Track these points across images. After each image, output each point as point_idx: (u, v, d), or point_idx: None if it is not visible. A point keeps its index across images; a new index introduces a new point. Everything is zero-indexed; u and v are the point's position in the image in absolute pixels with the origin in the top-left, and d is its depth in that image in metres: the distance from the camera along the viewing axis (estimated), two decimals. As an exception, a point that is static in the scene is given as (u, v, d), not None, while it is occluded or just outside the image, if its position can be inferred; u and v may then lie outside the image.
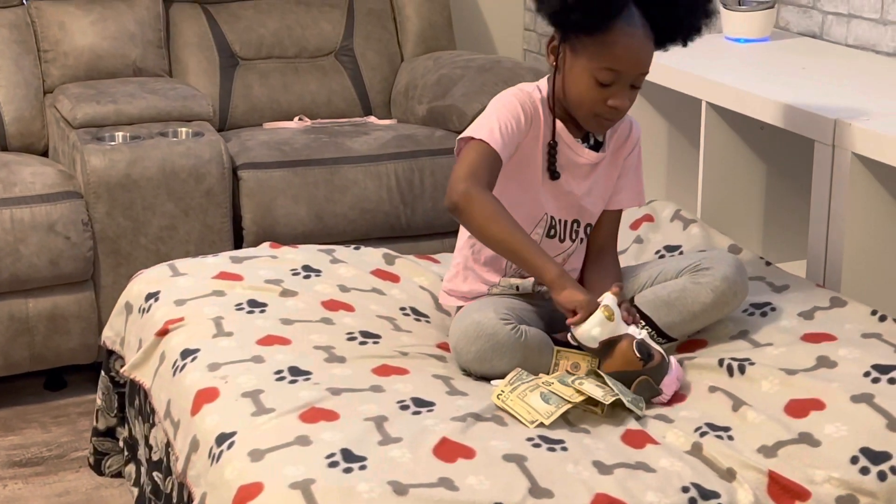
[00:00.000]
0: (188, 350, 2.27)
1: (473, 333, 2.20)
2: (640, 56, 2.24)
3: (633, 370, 2.14)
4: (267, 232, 3.40)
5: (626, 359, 2.16)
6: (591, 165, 2.36)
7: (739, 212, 3.08)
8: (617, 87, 2.23)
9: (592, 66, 2.22)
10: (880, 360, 2.18)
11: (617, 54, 2.21)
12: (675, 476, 1.92)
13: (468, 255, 2.39)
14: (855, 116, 2.59)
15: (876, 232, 2.59)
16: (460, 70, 3.83)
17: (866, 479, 1.94)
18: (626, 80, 2.23)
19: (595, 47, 2.22)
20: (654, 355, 2.17)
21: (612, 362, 2.17)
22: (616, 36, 2.21)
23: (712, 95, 2.96)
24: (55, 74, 3.72)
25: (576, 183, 2.36)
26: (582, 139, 2.36)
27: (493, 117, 2.26)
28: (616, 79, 2.22)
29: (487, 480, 1.86)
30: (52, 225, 3.20)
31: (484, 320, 2.20)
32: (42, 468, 2.99)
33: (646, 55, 2.25)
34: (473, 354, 2.21)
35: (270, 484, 1.83)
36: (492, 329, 2.19)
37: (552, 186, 2.33)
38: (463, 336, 2.22)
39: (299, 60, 3.98)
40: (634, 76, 2.24)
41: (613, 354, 2.17)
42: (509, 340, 2.19)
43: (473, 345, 2.20)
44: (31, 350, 3.23)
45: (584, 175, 2.36)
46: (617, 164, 2.41)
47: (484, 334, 2.19)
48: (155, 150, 3.31)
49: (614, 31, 2.20)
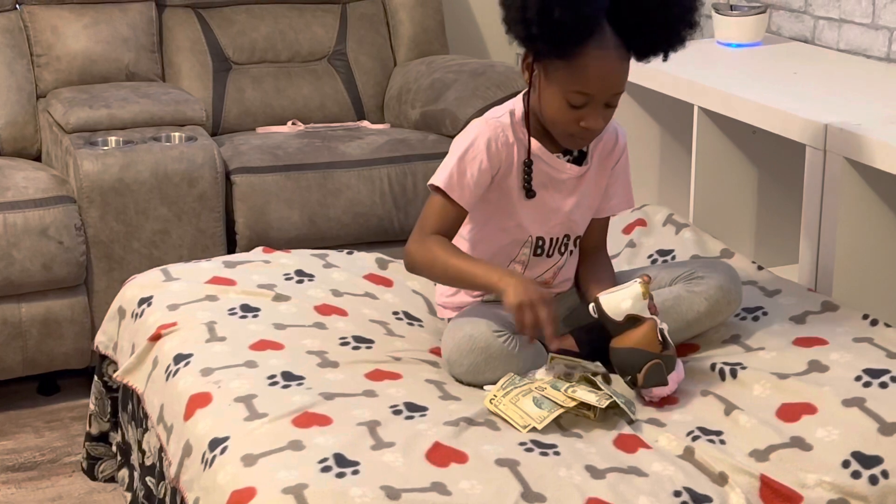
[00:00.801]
0: (181, 355, 2.28)
1: (466, 347, 2.20)
2: (612, 78, 2.18)
3: (651, 352, 2.14)
4: (260, 236, 3.40)
5: (647, 339, 2.15)
6: (575, 179, 2.33)
7: (731, 216, 3.08)
8: (590, 108, 2.19)
9: (564, 90, 2.18)
10: (872, 364, 2.19)
11: (588, 78, 2.16)
12: (668, 480, 1.92)
13: None
14: (846, 121, 2.59)
15: (867, 236, 2.60)
16: (453, 74, 3.84)
17: (858, 483, 1.94)
18: (599, 101, 2.19)
19: (565, 70, 2.17)
20: (670, 346, 2.18)
21: (631, 338, 2.15)
22: (587, 59, 2.15)
23: (704, 100, 2.97)
24: (48, 79, 3.72)
25: (561, 198, 2.33)
26: (563, 153, 2.32)
27: (455, 164, 2.25)
28: (588, 101, 2.18)
29: (480, 485, 1.86)
30: (45, 229, 3.20)
31: (476, 333, 2.20)
32: (35, 473, 2.98)
33: (619, 76, 2.20)
34: (466, 367, 2.21)
35: (263, 489, 1.83)
36: (484, 342, 2.19)
37: (536, 207, 2.30)
38: (455, 349, 2.22)
39: (292, 65, 3.98)
40: (608, 97, 2.20)
41: (636, 332, 2.15)
42: (502, 353, 2.19)
43: (466, 358, 2.20)
44: (23, 354, 3.23)
45: (570, 189, 2.33)
46: (604, 173, 2.38)
47: (477, 348, 2.19)
48: (148, 155, 3.31)
49: (584, 54, 2.15)
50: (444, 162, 2.28)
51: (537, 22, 2.12)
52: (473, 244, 2.34)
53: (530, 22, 2.13)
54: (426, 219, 2.26)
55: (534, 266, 2.35)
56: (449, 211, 2.25)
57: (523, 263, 2.35)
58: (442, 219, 2.25)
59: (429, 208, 2.27)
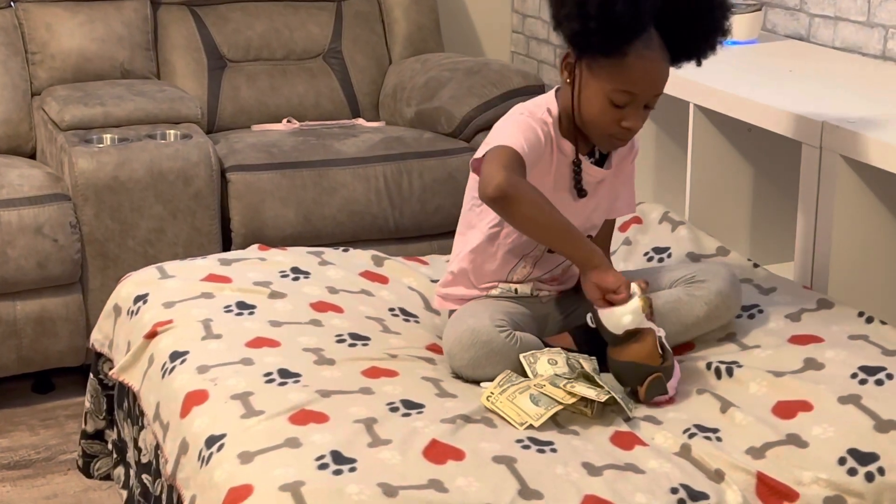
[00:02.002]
0: (177, 352, 2.27)
1: (468, 341, 2.20)
2: (656, 79, 2.21)
3: (651, 365, 2.14)
4: (255, 234, 3.40)
5: (648, 352, 2.14)
6: (597, 182, 2.34)
7: (727, 214, 3.08)
8: (631, 109, 2.21)
9: (608, 88, 2.19)
10: (867, 361, 2.19)
11: (634, 77, 2.18)
12: (664, 477, 1.92)
13: (469, 268, 2.37)
14: (842, 119, 2.60)
15: (863, 234, 2.60)
16: (448, 72, 3.84)
17: (854, 480, 1.95)
18: (641, 102, 2.21)
19: (612, 69, 2.18)
20: (669, 355, 2.18)
21: (632, 352, 2.15)
22: (633, 59, 2.17)
23: (700, 98, 2.97)
24: (43, 76, 3.71)
25: (584, 201, 2.33)
26: (588, 155, 2.33)
27: (512, 130, 2.21)
28: (631, 100, 2.19)
29: (477, 482, 1.86)
30: (39, 227, 3.20)
31: (479, 327, 2.20)
32: (30, 471, 2.98)
33: (662, 77, 2.23)
34: (467, 361, 2.21)
35: (260, 486, 1.83)
36: (486, 336, 2.19)
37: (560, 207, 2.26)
38: (457, 342, 2.22)
39: (287, 63, 3.98)
40: (649, 97, 2.22)
41: (637, 346, 2.15)
42: (504, 348, 2.19)
43: (468, 352, 2.20)
44: (18, 353, 3.23)
45: (592, 192, 2.34)
46: (620, 176, 2.41)
47: (479, 342, 2.19)
48: (143, 153, 3.30)
49: (632, 53, 2.17)
50: (488, 140, 2.22)
51: (597, 16, 2.13)
52: (490, 238, 2.33)
53: (589, 16, 2.14)
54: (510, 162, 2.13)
55: (544, 262, 2.36)
56: (520, 162, 2.15)
57: (535, 258, 2.35)
58: (517, 165, 2.14)
59: (502, 154, 2.15)
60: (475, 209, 2.35)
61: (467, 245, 2.36)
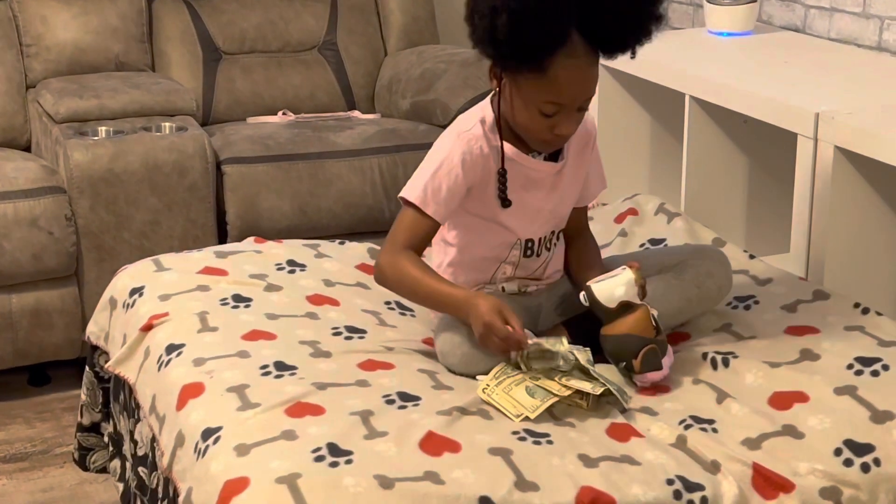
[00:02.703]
0: (173, 345, 2.27)
1: (459, 339, 2.20)
2: (583, 85, 2.15)
3: (646, 337, 2.14)
4: (251, 226, 3.39)
5: (642, 325, 2.15)
6: (553, 176, 2.30)
7: (723, 205, 3.09)
8: (563, 116, 2.16)
9: (535, 100, 2.14)
10: (863, 352, 2.19)
11: (558, 88, 2.12)
12: (660, 469, 1.92)
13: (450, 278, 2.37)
14: (837, 110, 2.60)
15: (858, 225, 2.60)
16: (444, 64, 3.83)
17: (850, 471, 1.95)
18: (571, 108, 2.16)
19: (535, 83, 2.13)
20: (662, 331, 2.18)
21: (624, 324, 2.15)
22: (556, 70, 2.10)
23: (695, 89, 2.97)
24: (38, 69, 3.71)
25: (543, 197, 2.30)
26: (538, 152, 2.28)
27: (429, 178, 2.21)
28: (560, 109, 2.15)
29: (473, 474, 1.86)
30: (35, 220, 3.19)
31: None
32: (26, 464, 2.98)
33: (590, 82, 2.16)
34: (459, 358, 2.21)
35: (256, 478, 1.83)
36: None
37: (519, 210, 2.27)
38: (448, 342, 2.22)
39: (282, 55, 3.98)
40: (580, 102, 2.16)
41: (630, 318, 2.15)
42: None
43: (459, 349, 2.20)
44: (14, 345, 3.23)
45: (550, 186, 2.30)
46: (583, 164, 2.36)
47: (469, 340, 2.19)
48: (138, 145, 3.30)
49: (553, 66, 2.10)
50: (415, 175, 2.24)
51: (508, 41, 2.08)
52: (461, 249, 2.33)
53: (499, 42, 2.09)
54: (397, 233, 2.23)
55: (524, 266, 2.35)
56: (421, 225, 2.21)
57: (514, 265, 2.33)
58: (414, 232, 2.22)
59: (400, 222, 2.23)
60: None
61: (445, 257, 2.35)
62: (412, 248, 2.22)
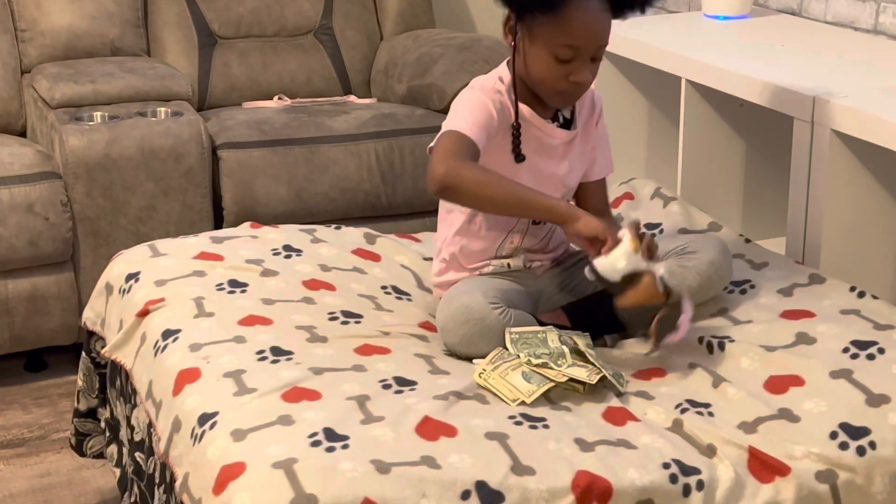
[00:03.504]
0: (169, 330, 2.27)
1: (462, 317, 2.20)
2: (597, 30, 2.21)
3: (655, 304, 2.14)
4: (247, 212, 3.39)
5: (648, 293, 2.13)
6: (565, 144, 2.35)
7: (719, 189, 3.09)
8: (577, 63, 2.21)
9: (551, 45, 2.20)
10: (859, 336, 2.20)
11: (574, 30, 2.19)
12: (656, 452, 1.93)
13: (456, 252, 2.38)
14: (834, 93, 2.59)
15: (855, 208, 2.60)
16: (440, 49, 3.83)
17: (845, 455, 1.95)
18: (586, 55, 2.21)
19: (552, 25, 2.19)
20: (674, 290, 2.16)
21: (633, 296, 2.14)
22: (572, 12, 2.18)
23: (692, 73, 2.96)
24: (33, 54, 3.70)
25: (555, 164, 2.34)
26: (551, 119, 2.34)
27: (463, 113, 2.23)
28: (576, 54, 2.20)
29: (470, 458, 1.86)
30: (30, 206, 3.19)
31: (472, 304, 2.20)
32: (23, 449, 2.98)
33: (603, 28, 2.23)
34: (460, 338, 2.21)
35: (253, 463, 1.83)
36: (480, 314, 2.19)
37: (531, 174, 2.30)
38: (450, 319, 2.22)
39: (278, 39, 3.97)
40: (594, 49, 2.22)
41: (636, 288, 2.14)
42: (497, 325, 2.19)
43: (461, 328, 2.20)
44: (10, 331, 3.23)
45: (562, 155, 2.35)
46: (590, 137, 2.41)
47: (472, 318, 2.19)
48: (134, 130, 3.30)
49: (570, 7, 2.18)
50: (445, 122, 2.25)
51: None
52: (470, 216, 2.34)
53: None
54: (444, 147, 2.18)
55: (532, 234, 2.36)
56: (468, 146, 2.19)
57: (522, 232, 2.35)
58: (459, 146, 2.18)
59: (446, 140, 2.19)
60: None
61: (451, 228, 2.36)
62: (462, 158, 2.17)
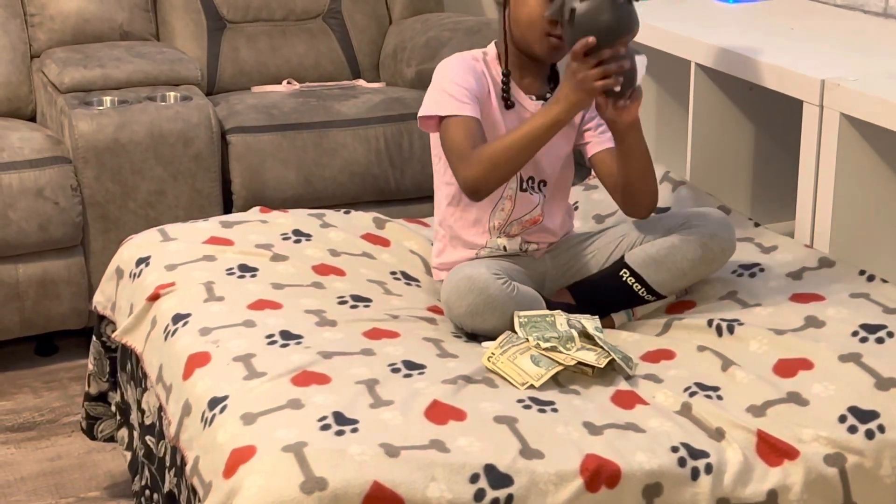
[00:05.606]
0: (179, 315, 2.28)
1: (465, 288, 2.21)
2: None
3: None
4: (256, 196, 3.40)
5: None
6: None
7: (728, 173, 3.08)
8: None
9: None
10: (868, 319, 2.20)
11: None
12: (665, 436, 1.93)
13: (452, 224, 2.40)
14: (843, 77, 2.59)
15: (864, 192, 2.60)
16: (449, 32, 3.82)
17: (854, 438, 1.95)
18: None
19: None
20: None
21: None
22: None
23: (701, 56, 2.95)
24: (42, 39, 3.70)
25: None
26: (536, 97, 2.37)
27: (448, 85, 2.29)
28: None
29: (478, 442, 1.87)
30: (40, 190, 3.20)
31: (475, 275, 2.21)
32: (34, 433, 2.99)
33: None
34: (465, 308, 2.21)
35: (263, 447, 1.84)
36: (483, 283, 2.20)
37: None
38: (454, 290, 2.23)
39: (287, 23, 3.97)
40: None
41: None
42: (501, 295, 2.20)
43: (465, 299, 2.21)
44: (21, 315, 3.24)
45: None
46: (573, 125, 2.42)
47: (476, 288, 2.20)
48: (143, 115, 3.30)
49: None
50: (427, 99, 2.32)
51: None
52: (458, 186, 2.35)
53: None
54: (457, 147, 2.25)
55: (522, 203, 2.38)
56: (469, 124, 2.26)
57: (511, 199, 2.38)
58: (468, 134, 2.25)
59: (451, 139, 2.27)
60: (436, 167, 2.41)
61: (444, 201, 2.40)
62: (476, 147, 2.25)
